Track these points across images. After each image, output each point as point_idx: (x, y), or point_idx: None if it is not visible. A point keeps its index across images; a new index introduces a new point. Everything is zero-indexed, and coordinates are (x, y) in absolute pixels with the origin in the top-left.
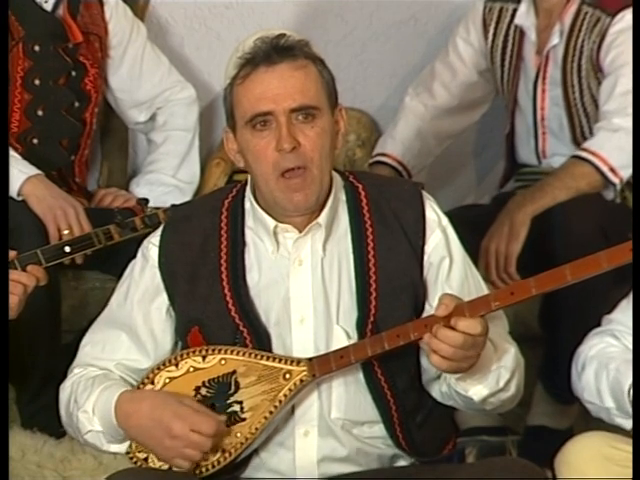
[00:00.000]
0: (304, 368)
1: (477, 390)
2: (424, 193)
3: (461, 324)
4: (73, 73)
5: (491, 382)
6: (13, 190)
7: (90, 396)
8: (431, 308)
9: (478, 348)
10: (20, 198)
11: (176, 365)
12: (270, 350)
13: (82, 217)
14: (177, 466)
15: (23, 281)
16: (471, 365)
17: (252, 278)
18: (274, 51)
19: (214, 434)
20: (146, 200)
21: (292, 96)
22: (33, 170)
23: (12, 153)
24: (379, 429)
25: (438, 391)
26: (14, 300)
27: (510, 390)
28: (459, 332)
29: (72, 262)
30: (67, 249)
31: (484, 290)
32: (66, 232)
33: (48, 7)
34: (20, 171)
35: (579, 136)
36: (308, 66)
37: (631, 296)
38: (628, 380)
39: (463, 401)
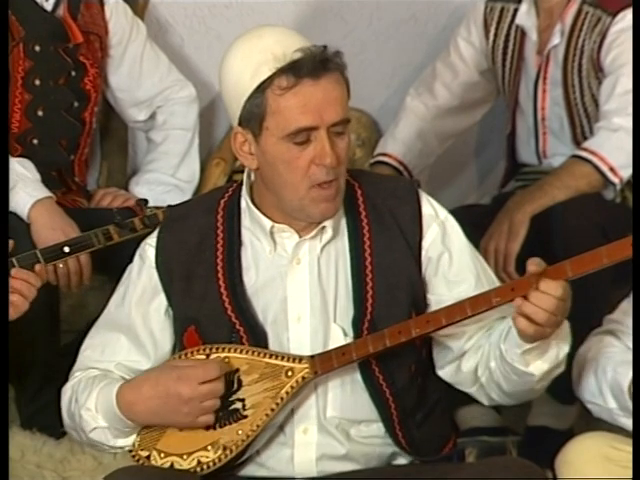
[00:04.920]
0: (306, 365)
1: (538, 365)
2: (420, 190)
3: (542, 285)
4: (73, 73)
5: (551, 355)
6: (23, 214)
7: (91, 394)
8: (433, 299)
9: (564, 314)
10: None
11: None
12: (267, 349)
13: None
14: (204, 424)
15: (32, 282)
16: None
17: (249, 278)
18: (320, 64)
19: (221, 373)
20: (145, 201)
21: (335, 110)
22: (40, 193)
23: (23, 171)
24: (377, 428)
25: (464, 372)
26: (24, 303)
27: (562, 366)
28: (551, 296)
29: (69, 289)
30: (66, 249)
31: (494, 280)
32: (61, 265)
33: (48, 7)
34: (28, 194)
35: (580, 136)
36: (341, 78)
37: (632, 296)
38: (627, 380)
39: (519, 376)
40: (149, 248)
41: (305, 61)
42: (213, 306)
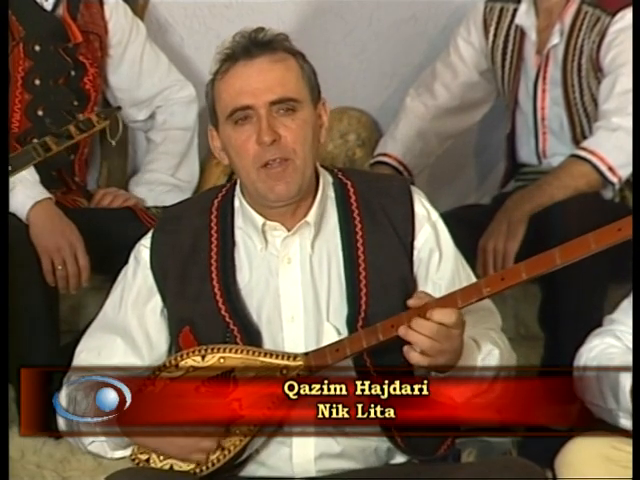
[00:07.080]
0: (300, 363)
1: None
2: (413, 188)
3: (436, 314)
4: (73, 73)
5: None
6: (22, 216)
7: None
8: None
9: (454, 342)
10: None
11: (176, 366)
12: (261, 348)
13: (79, 252)
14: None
15: None
16: (449, 361)
17: (243, 277)
18: (253, 45)
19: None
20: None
21: (271, 89)
22: (39, 195)
23: (23, 172)
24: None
25: None
26: None
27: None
28: (434, 322)
29: (67, 291)
30: (9, 169)
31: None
32: (59, 267)
33: (48, 7)
34: (28, 196)
35: (579, 136)
36: (288, 59)
37: (632, 296)
38: (628, 381)
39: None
40: (143, 249)
41: (237, 43)
42: (207, 306)
